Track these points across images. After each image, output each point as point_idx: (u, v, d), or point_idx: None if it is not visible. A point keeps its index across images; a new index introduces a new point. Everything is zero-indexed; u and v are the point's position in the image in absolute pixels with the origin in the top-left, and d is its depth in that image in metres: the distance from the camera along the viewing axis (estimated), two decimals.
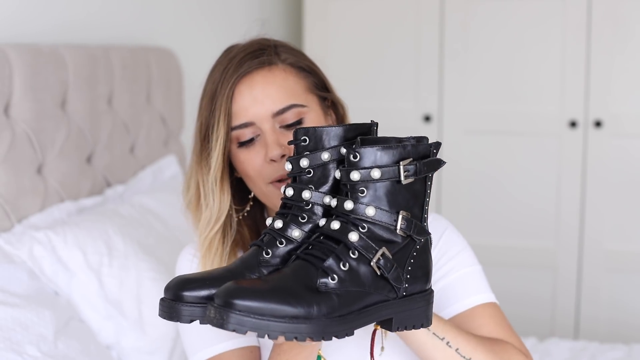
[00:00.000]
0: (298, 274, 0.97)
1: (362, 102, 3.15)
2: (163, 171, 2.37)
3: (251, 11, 3.25)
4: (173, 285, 1.03)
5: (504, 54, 3.13)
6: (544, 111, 3.11)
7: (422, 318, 1.05)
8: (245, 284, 0.94)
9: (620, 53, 3.00)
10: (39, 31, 1.97)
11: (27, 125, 1.78)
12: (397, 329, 1.02)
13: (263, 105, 1.24)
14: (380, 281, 0.99)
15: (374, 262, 0.98)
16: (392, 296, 1.01)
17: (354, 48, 3.26)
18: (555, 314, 3.17)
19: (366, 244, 0.98)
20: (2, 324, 1.48)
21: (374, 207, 0.99)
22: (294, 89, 1.26)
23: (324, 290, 0.96)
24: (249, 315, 0.91)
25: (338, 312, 0.95)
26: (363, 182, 0.99)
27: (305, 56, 1.33)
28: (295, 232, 1.06)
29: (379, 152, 0.99)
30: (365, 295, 0.98)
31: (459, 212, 3.21)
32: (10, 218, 1.73)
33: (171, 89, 2.50)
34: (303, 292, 0.94)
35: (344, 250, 0.98)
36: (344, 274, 0.97)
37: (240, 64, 1.26)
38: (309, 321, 0.93)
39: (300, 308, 0.93)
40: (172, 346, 1.81)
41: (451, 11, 3.14)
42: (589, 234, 3.11)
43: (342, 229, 0.99)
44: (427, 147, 1.03)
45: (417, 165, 1.00)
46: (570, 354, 2.37)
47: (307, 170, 1.07)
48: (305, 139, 1.08)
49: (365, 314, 0.98)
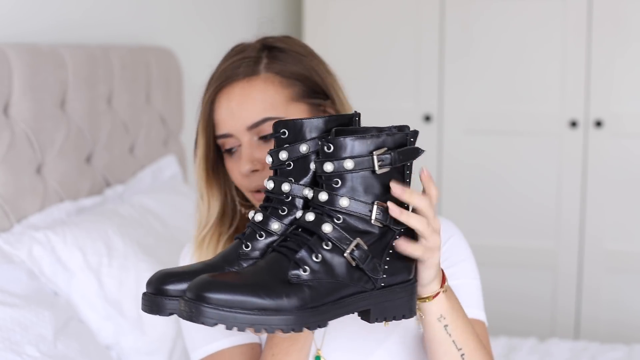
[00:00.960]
0: (271, 266, 0.98)
1: (362, 102, 3.13)
2: (163, 171, 2.36)
3: (251, 11, 3.25)
4: (155, 279, 1.04)
5: (505, 54, 3.12)
6: (545, 111, 3.11)
7: (404, 309, 1.04)
8: (216, 277, 0.95)
9: (621, 53, 3.00)
10: (38, 30, 1.97)
11: (26, 125, 1.78)
12: (375, 320, 1.02)
13: (239, 118, 1.25)
14: (356, 272, 0.99)
15: (348, 253, 0.98)
16: (369, 287, 1.00)
17: (354, 48, 3.26)
18: (556, 314, 3.17)
19: (340, 235, 0.98)
20: (2, 324, 1.48)
21: (348, 198, 0.98)
22: (272, 101, 1.25)
23: (296, 282, 0.96)
24: (216, 308, 0.91)
25: (310, 303, 0.95)
26: (337, 173, 0.99)
27: (300, 60, 1.30)
28: (275, 224, 1.06)
29: (352, 142, 0.98)
30: (340, 286, 0.98)
31: (460, 212, 3.21)
32: (9, 218, 1.73)
33: (171, 88, 2.49)
34: (274, 284, 0.95)
35: (317, 242, 0.98)
36: (317, 265, 0.97)
37: (221, 74, 1.28)
38: (278, 313, 0.93)
39: (270, 300, 0.93)
40: (171, 346, 1.80)
41: (451, 11, 3.14)
42: (590, 233, 3.10)
43: (316, 220, 0.99)
44: (403, 136, 1.01)
45: (392, 155, 0.99)
46: (570, 354, 2.37)
47: (287, 162, 1.07)
48: (285, 131, 1.08)
49: (340, 305, 0.98)
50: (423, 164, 1.06)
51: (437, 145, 3.22)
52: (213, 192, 1.32)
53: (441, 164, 3.23)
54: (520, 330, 3.07)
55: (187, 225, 2.04)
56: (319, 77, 1.30)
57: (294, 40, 1.34)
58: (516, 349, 2.41)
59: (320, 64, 1.32)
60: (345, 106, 1.31)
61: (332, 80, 1.32)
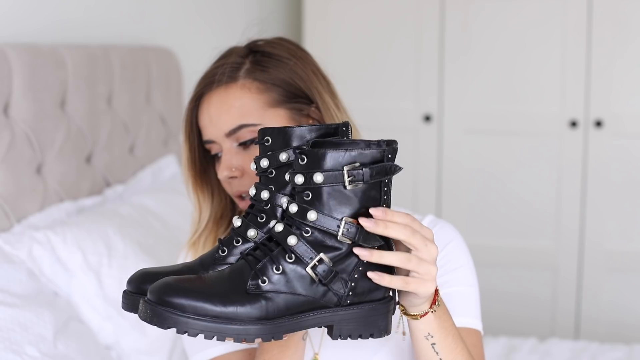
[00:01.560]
0: (233, 274, 0.97)
1: (362, 102, 3.15)
2: (162, 171, 2.36)
3: (251, 11, 3.25)
4: (135, 278, 1.05)
5: (505, 54, 3.12)
6: (545, 111, 3.11)
7: (372, 328, 1.00)
8: (177, 281, 0.95)
9: (621, 53, 3.00)
10: (38, 29, 1.97)
11: (26, 125, 1.78)
12: (338, 337, 0.99)
13: (217, 125, 1.26)
14: (319, 287, 0.97)
15: (309, 268, 0.96)
16: (333, 304, 0.98)
17: (354, 48, 3.26)
18: (556, 314, 3.17)
19: (304, 248, 0.96)
20: (2, 324, 1.48)
21: (316, 212, 0.96)
22: (248, 108, 1.25)
23: (253, 292, 0.95)
24: (171, 312, 0.92)
25: (266, 315, 0.94)
26: (306, 187, 0.97)
27: (283, 64, 1.29)
28: (252, 231, 1.07)
29: (326, 155, 0.95)
30: (300, 300, 0.96)
31: (459, 212, 3.21)
32: (9, 218, 1.73)
33: (171, 88, 2.49)
34: (231, 292, 0.94)
35: (280, 254, 0.97)
36: (277, 277, 0.96)
37: (202, 81, 1.29)
38: (231, 322, 0.93)
39: (223, 308, 0.93)
40: (171, 347, 1.80)
41: (451, 11, 3.14)
42: (590, 234, 3.10)
43: (284, 231, 0.98)
44: (381, 152, 0.97)
45: (363, 170, 0.95)
46: (570, 354, 2.37)
47: (269, 170, 1.07)
48: (268, 139, 1.07)
49: (298, 319, 0.96)
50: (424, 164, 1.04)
51: (437, 146, 3.22)
52: (204, 196, 1.33)
53: (441, 164, 3.23)
54: (520, 330, 3.07)
55: (187, 225, 2.04)
56: (302, 81, 1.28)
57: (284, 43, 1.33)
58: (516, 349, 2.41)
59: (307, 67, 1.30)
60: (333, 110, 1.29)
61: (318, 83, 1.30)
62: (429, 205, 3.24)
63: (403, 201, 3.19)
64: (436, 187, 3.24)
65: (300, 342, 1.15)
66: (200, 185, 1.33)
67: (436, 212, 3.23)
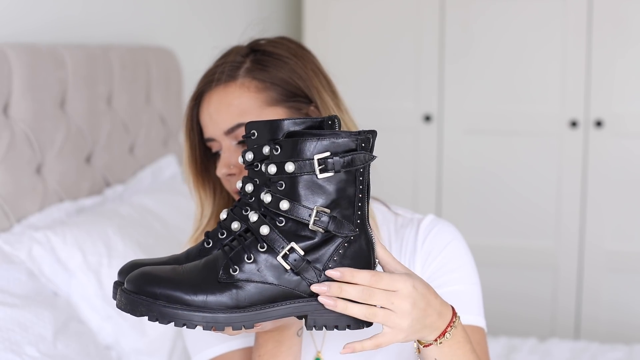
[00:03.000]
0: (208, 264, 0.98)
1: (362, 102, 3.15)
2: (162, 171, 2.36)
3: (251, 11, 3.25)
4: (125, 269, 1.07)
5: (505, 54, 3.12)
6: (545, 111, 3.11)
7: (348, 319, 0.99)
8: (152, 270, 0.97)
9: (621, 53, 3.00)
10: (37, 28, 1.97)
11: (26, 125, 1.78)
12: (313, 327, 0.99)
13: (216, 124, 1.27)
14: (293, 277, 0.97)
15: (280, 257, 0.96)
16: (307, 293, 0.98)
17: (354, 48, 3.26)
18: (556, 314, 3.17)
19: (275, 237, 0.97)
20: (1, 324, 1.48)
21: (288, 201, 0.96)
22: (247, 106, 1.26)
23: (224, 281, 0.96)
24: (145, 300, 0.94)
25: (237, 303, 0.95)
26: (279, 176, 0.97)
27: (283, 63, 1.29)
28: (235, 224, 1.08)
29: (297, 144, 0.96)
30: (272, 289, 0.97)
31: (459, 212, 3.21)
32: (9, 218, 1.73)
33: (171, 88, 2.49)
34: (203, 281, 0.96)
35: (252, 243, 0.98)
36: (248, 266, 0.96)
37: (203, 79, 1.30)
38: (201, 310, 0.94)
39: (194, 296, 0.94)
40: (171, 347, 1.80)
41: (451, 11, 3.14)
42: (590, 234, 3.10)
43: (258, 221, 0.99)
44: (354, 141, 0.97)
45: (334, 159, 0.95)
46: (570, 354, 2.37)
47: (255, 164, 1.08)
48: (254, 132, 1.08)
49: (269, 309, 0.97)
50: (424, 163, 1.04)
51: (437, 146, 3.22)
52: (206, 193, 1.34)
53: (441, 164, 3.23)
54: (520, 330, 3.07)
55: (187, 225, 2.04)
56: (301, 80, 1.29)
57: (285, 42, 1.33)
58: (516, 349, 2.41)
59: (308, 66, 1.31)
60: (332, 110, 1.29)
61: (318, 83, 1.30)
62: (429, 205, 3.24)
63: (403, 201, 3.19)
64: (436, 187, 3.24)
65: (295, 337, 1.15)
66: (202, 183, 1.33)
67: (436, 212, 3.23)
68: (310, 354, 1.28)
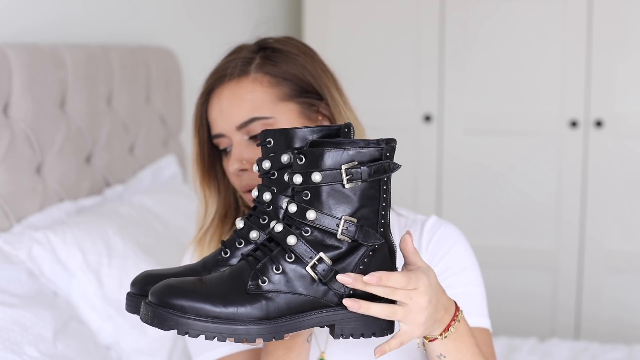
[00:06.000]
0: (234, 275, 0.97)
1: (362, 102, 3.12)
2: (162, 171, 2.36)
3: (251, 11, 3.25)
4: (138, 280, 1.06)
5: (505, 54, 3.12)
6: (545, 111, 3.11)
7: (374, 327, 1.00)
8: (177, 282, 0.95)
9: (621, 52, 3.00)
10: (37, 28, 1.97)
11: (26, 125, 1.78)
12: (340, 336, 1.00)
13: (228, 118, 1.26)
14: (320, 287, 0.97)
15: (309, 267, 0.96)
16: (334, 303, 0.98)
17: (354, 48, 3.26)
18: (556, 314, 3.17)
19: (304, 248, 0.97)
20: (1, 324, 1.48)
21: (315, 211, 0.96)
22: (261, 101, 1.26)
23: (253, 293, 0.95)
24: (173, 313, 0.92)
25: (266, 314, 0.95)
26: (305, 186, 0.97)
27: (293, 60, 1.30)
28: (254, 233, 1.07)
29: (324, 154, 0.96)
30: (300, 300, 0.97)
31: (459, 212, 3.21)
32: (9, 218, 1.73)
33: (170, 88, 2.49)
34: (231, 293, 0.95)
35: (279, 254, 0.97)
36: (277, 277, 0.96)
37: (213, 75, 1.30)
38: (231, 322, 0.93)
39: (223, 308, 0.93)
40: (171, 347, 1.80)
41: (451, 10, 3.14)
42: (590, 233, 3.10)
43: (284, 231, 0.98)
44: (379, 150, 0.98)
45: (361, 169, 0.96)
46: (570, 354, 2.37)
47: (271, 172, 1.08)
48: (270, 140, 1.07)
49: (298, 319, 0.97)
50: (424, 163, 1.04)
51: (437, 145, 3.22)
52: (211, 192, 1.33)
53: (441, 164, 3.23)
54: (521, 330, 3.07)
55: (187, 225, 2.04)
56: (312, 77, 1.29)
57: (292, 41, 1.34)
58: (516, 349, 2.41)
59: (316, 64, 1.32)
60: (341, 107, 1.30)
61: (327, 80, 1.31)
62: (429, 205, 3.24)
63: (403, 201, 3.19)
64: (436, 187, 3.24)
65: (305, 343, 1.15)
66: (207, 181, 1.33)
67: (436, 212, 3.23)
68: (314, 355, 1.28)
